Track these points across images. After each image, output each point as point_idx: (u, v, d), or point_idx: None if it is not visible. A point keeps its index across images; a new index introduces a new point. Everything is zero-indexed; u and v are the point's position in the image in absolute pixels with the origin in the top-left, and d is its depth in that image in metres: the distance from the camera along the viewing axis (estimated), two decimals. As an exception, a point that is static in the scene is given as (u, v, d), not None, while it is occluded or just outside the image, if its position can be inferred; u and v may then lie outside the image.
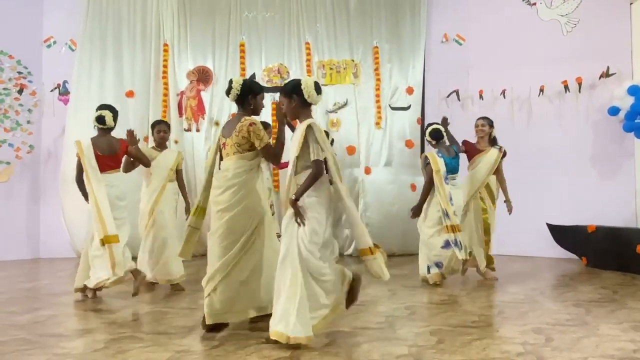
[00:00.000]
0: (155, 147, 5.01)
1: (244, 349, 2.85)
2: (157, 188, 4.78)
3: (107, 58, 7.22)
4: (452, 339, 3.01)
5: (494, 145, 5.15)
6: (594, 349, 2.79)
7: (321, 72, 7.63)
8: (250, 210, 3.20)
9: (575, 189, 6.52)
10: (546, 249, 6.59)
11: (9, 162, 6.91)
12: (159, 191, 4.78)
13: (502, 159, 5.12)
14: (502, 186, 5.17)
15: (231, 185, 3.18)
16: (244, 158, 3.22)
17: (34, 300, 4.29)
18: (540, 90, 6.85)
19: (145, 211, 4.78)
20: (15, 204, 6.96)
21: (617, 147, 6.41)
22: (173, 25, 7.42)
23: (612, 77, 6.39)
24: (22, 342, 3.01)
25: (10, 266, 6.28)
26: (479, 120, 5.24)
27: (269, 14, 7.70)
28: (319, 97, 3.16)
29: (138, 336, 3.12)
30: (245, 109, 3.34)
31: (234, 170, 3.19)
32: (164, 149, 5.04)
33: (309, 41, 7.62)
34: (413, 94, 7.56)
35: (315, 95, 3.12)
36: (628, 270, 5.39)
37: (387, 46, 7.68)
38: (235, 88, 3.27)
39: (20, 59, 7.02)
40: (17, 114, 6.97)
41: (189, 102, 7.42)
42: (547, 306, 3.90)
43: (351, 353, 2.78)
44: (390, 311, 3.78)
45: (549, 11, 6.97)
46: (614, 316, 3.54)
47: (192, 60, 7.54)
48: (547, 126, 6.81)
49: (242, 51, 7.56)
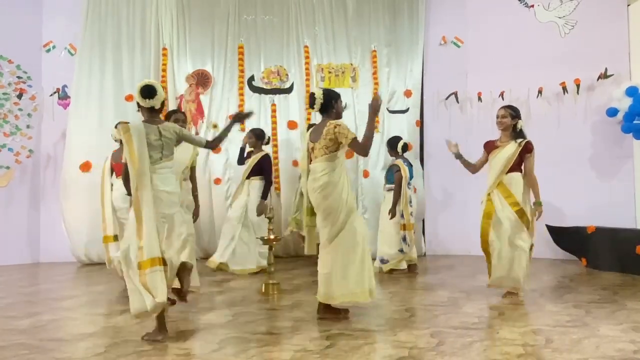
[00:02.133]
0: None
1: (245, 352, 2.85)
2: None
3: (106, 62, 7.23)
4: (452, 341, 3.01)
5: (517, 139, 4.29)
6: (594, 350, 2.80)
7: (320, 76, 7.65)
8: (341, 203, 3.55)
9: (574, 190, 6.52)
10: (546, 250, 6.59)
11: (9, 167, 6.91)
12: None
13: (526, 154, 4.24)
14: (533, 189, 4.25)
15: (323, 184, 3.54)
16: (331, 159, 3.57)
17: (34, 305, 4.29)
18: (539, 92, 6.87)
19: None
20: (15, 208, 6.96)
21: (616, 149, 6.42)
22: (172, 29, 7.43)
23: (610, 78, 6.41)
24: (22, 347, 3.01)
25: (10, 271, 6.27)
26: (500, 110, 4.42)
27: (267, 17, 7.72)
28: None
29: (138, 340, 3.12)
30: (329, 115, 3.69)
31: (322, 171, 3.56)
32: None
33: (307, 45, 7.65)
34: (411, 97, 7.57)
35: None
36: (628, 271, 5.40)
37: (386, 49, 7.70)
38: (318, 98, 3.66)
39: (19, 63, 7.03)
40: (16, 119, 6.98)
41: (188, 105, 7.43)
42: (547, 307, 3.91)
43: (351, 355, 2.78)
44: (390, 313, 3.79)
45: (546, 13, 7.00)
46: (614, 317, 3.55)
47: (191, 64, 7.55)
48: (546, 128, 6.82)
49: (240, 54, 7.57)
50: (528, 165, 4.24)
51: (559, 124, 6.80)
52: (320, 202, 3.56)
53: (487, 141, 4.52)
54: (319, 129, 3.66)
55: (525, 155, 4.23)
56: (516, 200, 4.15)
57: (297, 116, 7.60)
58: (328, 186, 3.52)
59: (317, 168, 3.58)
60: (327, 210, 3.54)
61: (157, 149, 3.17)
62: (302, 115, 7.59)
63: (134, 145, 3.05)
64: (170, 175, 3.26)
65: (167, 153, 3.24)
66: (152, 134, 3.15)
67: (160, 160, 3.19)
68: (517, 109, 4.43)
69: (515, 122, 4.32)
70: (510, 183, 4.21)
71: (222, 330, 3.35)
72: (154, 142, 3.15)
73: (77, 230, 6.88)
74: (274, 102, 7.58)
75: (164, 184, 3.17)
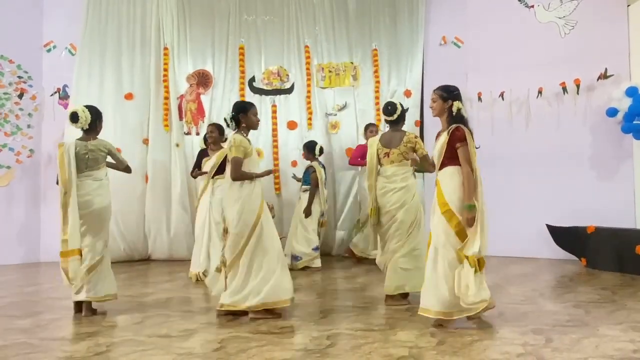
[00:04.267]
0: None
1: (246, 352, 2.86)
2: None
3: (107, 62, 7.23)
4: (452, 341, 3.02)
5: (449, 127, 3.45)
6: (593, 350, 2.81)
7: (320, 75, 7.67)
8: (415, 206, 4.11)
9: (574, 190, 6.53)
10: (545, 250, 6.60)
11: (10, 166, 6.92)
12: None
13: (457, 144, 3.35)
14: (464, 187, 3.31)
15: (401, 187, 4.06)
16: (406, 165, 4.12)
17: (35, 304, 4.30)
18: (539, 92, 6.87)
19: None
20: (15, 208, 6.97)
21: (616, 149, 6.43)
22: (173, 29, 7.43)
23: (610, 78, 6.42)
24: (24, 346, 3.02)
25: (10, 270, 6.28)
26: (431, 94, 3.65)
27: (268, 17, 7.73)
28: None
29: (140, 339, 3.14)
30: (400, 125, 4.24)
31: (402, 175, 4.11)
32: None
33: (308, 44, 7.65)
34: (411, 97, 7.59)
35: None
36: (627, 271, 5.41)
37: (386, 49, 7.71)
38: (398, 109, 4.21)
39: (20, 63, 7.04)
40: (17, 118, 6.99)
41: (188, 105, 7.44)
42: (546, 307, 3.92)
43: (352, 355, 2.79)
44: (391, 313, 3.80)
45: (546, 13, 7.00)
46: (614, 317, 3.56)
47: (191, 63, 7.56)
48: (546, 128, 6.84)
49: (241, 54, 7.58)
50: (460, 157, 3.34)
51: (559, 124, 6.80)
52: (398, 205, 4.02)
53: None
54: (394, 137, 4.17)
55: (455, 145, 3.35)
56: (445, 199, 3.36)
57: (298, 116, 7.61)
58: (407, 187, 4.07)
59: (397, 172, 4.10)
60: (403, 217, 4.03)
61: (83, 161, 3.88)
62: (302, 115, 7.60)
63: (64, 159, 3.77)
64: (91, 182, 3.90)
65: (92, 164, 3.92)
66: (81, 149, 3.90)
67: (85, 169, 3.88)
68: (453, 87, 3.57)
69: (449, 105, 3.49)
70: (443, 180, 3.43)
71: (223, 329, 3.36)
72: (81, 156, 3.88)
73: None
74: (274, 102, 7.59)
75: (82, 189, 3.82)
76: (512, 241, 6.56)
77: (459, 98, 3.54)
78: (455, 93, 3.54)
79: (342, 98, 7.66)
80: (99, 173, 3.96)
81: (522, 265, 6.20)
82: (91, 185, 3.88)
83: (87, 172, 3.88)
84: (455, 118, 3.46)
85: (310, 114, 7.56)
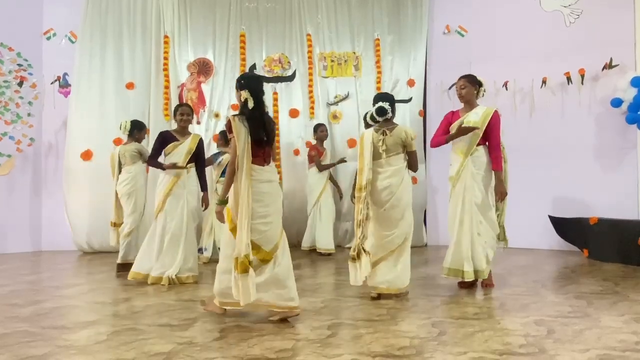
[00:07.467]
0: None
1: (246, 341, 2.85)
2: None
3: (107, 50, 7.19)
4: (454, 331, 3.01)
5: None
6: (595, 341, 2.79)
7: (322, 64, 7.61)
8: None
9: (577, 181, 6.50)
10: (548, 241, 6.59)
11: (10, 155, 6.91)
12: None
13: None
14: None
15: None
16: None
17: (37, 293, 4.30)
18: (543, 82, 6.82)
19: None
20: (16, 196, 6.97)
21: (620, 139, 6.38)
22: (173, 17, 7.37)
23: (615, 68, 6.35)
24: (25, 334, 3.02)
25: (12, 259, 6.29)
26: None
27: (269, 4, 7.66)
28: None
29: (140, 328, 3.13)
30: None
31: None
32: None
33: (310, 33, 7.59)
34: (415, 86, 7.53)
35: None
36: (630, 262, 5.39)
37: (389, 38, 7.64)
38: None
39: (20, 51, 7.00)
40: (17, 107, 6.96)
41: (189, 94, 7.40)
42: (548, 298, 3.90)
43: (353, 345, 2.78)
44: (392, 303, 3.79)
45: (551, 2, 6.92)
46: (616, 308, 3.54)
47: (192, 52, 7.51)
48: (550, 118, 6.79)
49: (242, 42, 7.52)
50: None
51: (563, 114, 6.75)
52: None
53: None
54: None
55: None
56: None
57: (300, 104, 7.57)
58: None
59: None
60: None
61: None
62: (305, 103, 7.56)
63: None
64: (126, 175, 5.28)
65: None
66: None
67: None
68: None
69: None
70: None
71: (224, 319, 3.36)
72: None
73: (78, 218, 6.90)
74: (275, 90, 7.54)
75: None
76: (514, 232, 6.47)
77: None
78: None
79: (344, 88, 7.60)
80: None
81: (524, 256, 6.18)
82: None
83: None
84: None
85: (312, 103, 7.52)
